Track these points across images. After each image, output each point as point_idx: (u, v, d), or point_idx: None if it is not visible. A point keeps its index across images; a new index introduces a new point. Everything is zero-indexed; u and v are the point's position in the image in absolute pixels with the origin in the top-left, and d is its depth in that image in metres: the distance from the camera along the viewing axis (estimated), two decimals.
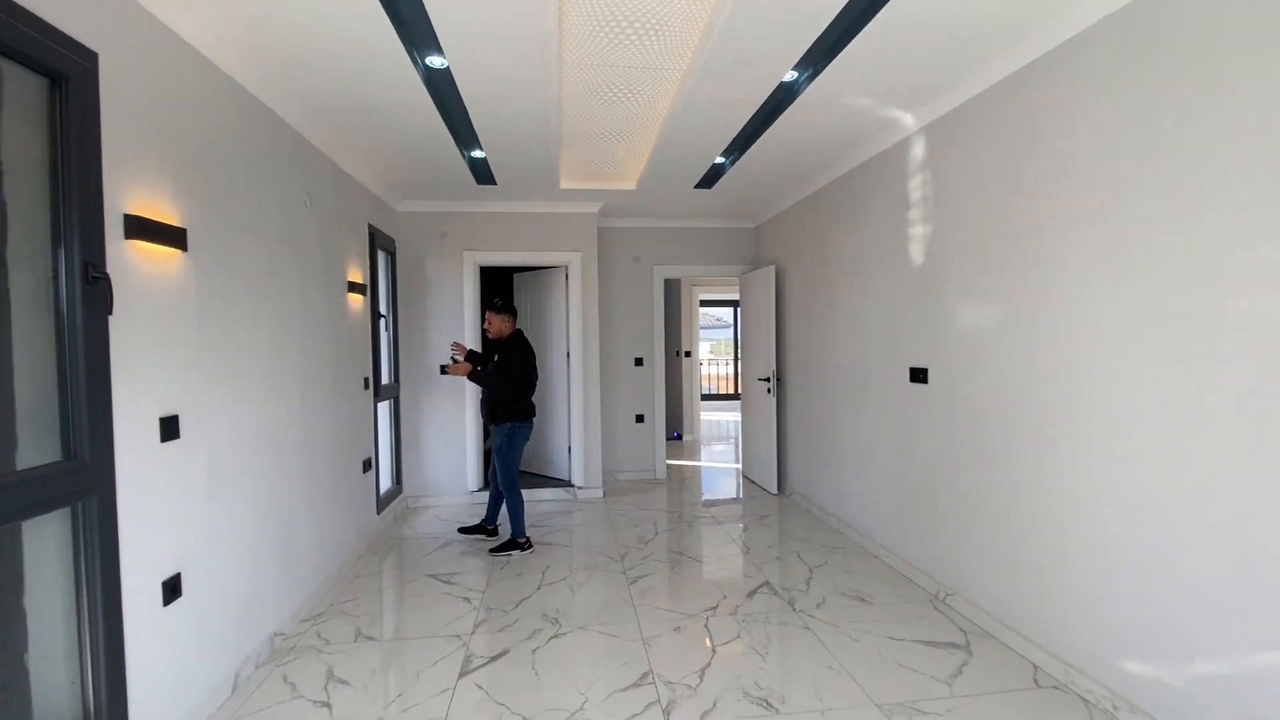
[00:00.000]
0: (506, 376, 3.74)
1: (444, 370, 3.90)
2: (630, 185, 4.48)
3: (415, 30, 2.28)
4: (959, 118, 2.84)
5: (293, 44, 2.34)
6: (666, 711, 2.18)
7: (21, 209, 1.58)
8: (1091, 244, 2.16)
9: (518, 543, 3.81)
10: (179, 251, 2.07)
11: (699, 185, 4.50)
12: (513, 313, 3.92)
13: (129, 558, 1.82)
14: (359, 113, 3.00)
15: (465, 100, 2.88)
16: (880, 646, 2.61)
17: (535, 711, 2.19)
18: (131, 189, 1.85)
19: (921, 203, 3.16)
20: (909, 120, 3.17)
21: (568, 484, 5.13)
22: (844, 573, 3.42)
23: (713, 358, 14.30)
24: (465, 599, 3.16)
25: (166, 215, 2.01)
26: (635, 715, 2.16)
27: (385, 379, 4.58)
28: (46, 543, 1.66)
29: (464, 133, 3.34)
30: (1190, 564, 1.85)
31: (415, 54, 2.47)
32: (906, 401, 3.33)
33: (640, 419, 5.67)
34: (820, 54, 2.48)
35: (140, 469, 1.87)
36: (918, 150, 3.18)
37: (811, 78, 2.71)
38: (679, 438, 8.00)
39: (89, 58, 1.67)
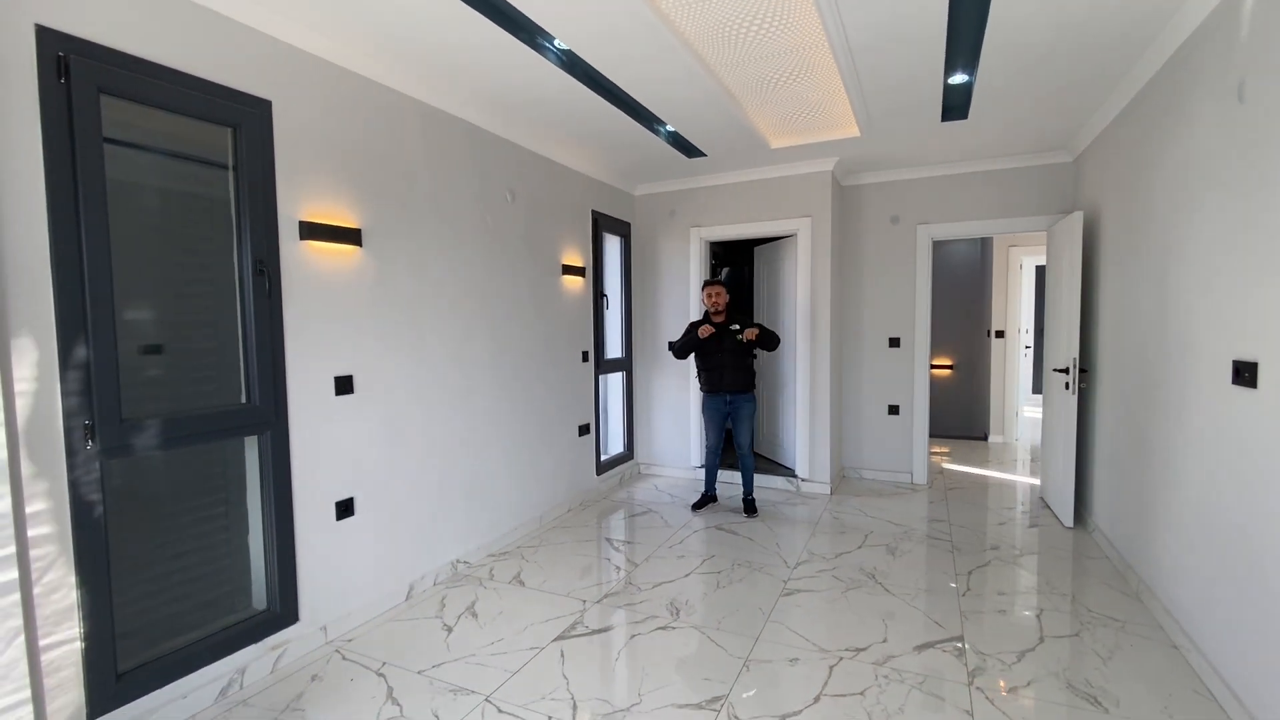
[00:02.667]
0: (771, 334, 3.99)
1: (740, 337, 3.88)
2: (853, 131, 3.77)
3: (517, 21, 2.37)
4: None
5: (438, 54, 2.68)
6: None
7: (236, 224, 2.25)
8: None
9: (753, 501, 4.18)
10: (355, 248, 2.62)
11: (947, 117, 3.52)
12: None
13: (303, 480, 2.43)
14: (535, 107, 3.27)
15: (604, 73, 2.87)
16: None
17: (585, 696, 2.14)
18: (306, 200, 2.42)
19: (1263, 89, 1.85)
20: None
21: (791, 473, 4.71)
22: (1096, 656, 2.33)
23: None
24: (618, 568, 3.25)
25: (342, 219, 2.57)
26: None
27: (617, 353, 4.94)
28: (254, 462, 2.35)
29: (636, 108, 3.32)
30: None
31: (540, 41, 2.57)
32: (1226, 413, 2.04)
33: (894, 410, 4.81)
34: None
35: (314, 415, 2.47)
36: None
37: None
38: (984, 438, 6.50)
39: (262, 106, 2.25)
